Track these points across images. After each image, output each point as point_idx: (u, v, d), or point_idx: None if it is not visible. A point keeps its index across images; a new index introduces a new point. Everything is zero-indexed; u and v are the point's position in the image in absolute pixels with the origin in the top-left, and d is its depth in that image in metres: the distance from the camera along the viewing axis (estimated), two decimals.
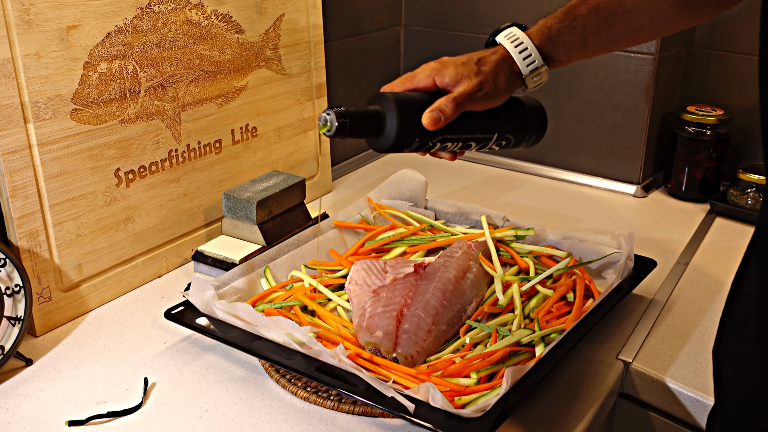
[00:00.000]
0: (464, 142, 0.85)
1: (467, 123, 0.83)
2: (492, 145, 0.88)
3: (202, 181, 1.13)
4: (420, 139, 0.82)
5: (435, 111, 0.80)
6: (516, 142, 0.91)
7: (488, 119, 0.86)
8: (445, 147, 0.85)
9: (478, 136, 0.86)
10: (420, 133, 0.81)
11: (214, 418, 0.79)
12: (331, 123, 0.77)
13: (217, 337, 0.85)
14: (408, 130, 0.80)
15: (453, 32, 1.55)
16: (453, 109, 0.80)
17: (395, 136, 0.80)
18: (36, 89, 0.89)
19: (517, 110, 0.90)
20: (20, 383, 0.85)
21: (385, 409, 0.72)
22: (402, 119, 0.79)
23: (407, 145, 0.82)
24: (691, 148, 1.35)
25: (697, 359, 0.90)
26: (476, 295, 0.95)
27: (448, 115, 0.80)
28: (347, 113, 0.77)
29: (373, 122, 0.80)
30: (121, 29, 0.97)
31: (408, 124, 0.80)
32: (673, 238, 1.22)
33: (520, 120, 0.90)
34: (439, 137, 0.83)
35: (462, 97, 0.81)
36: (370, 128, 0.80)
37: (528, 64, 0.85)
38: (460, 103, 0.81)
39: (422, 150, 0.85)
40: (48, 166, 0.92)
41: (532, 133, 0.92)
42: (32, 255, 0.91)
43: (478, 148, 0.88)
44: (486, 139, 0.87)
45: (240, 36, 1.15)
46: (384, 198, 1.19)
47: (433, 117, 0.80)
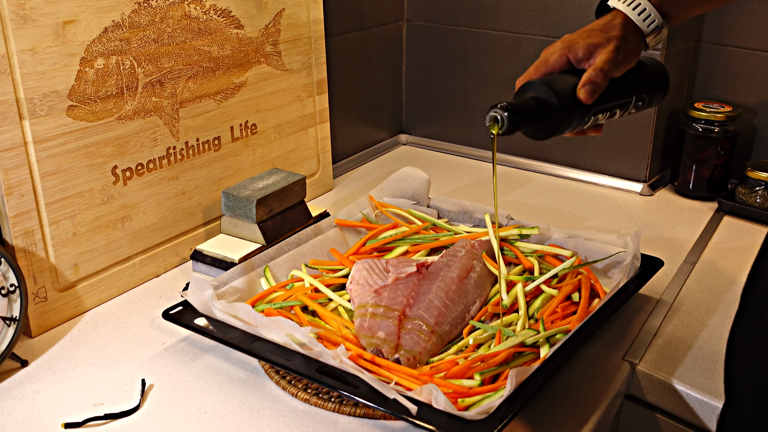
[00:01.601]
0: (611, 110, 0.89)
1: (611, 91, 0.87)
2: (631, 108, 0.92)
3: (200, 179, 1.13)
4: (579, 115, 0.85)
5: (588, 84, 0.83)
6: (649, 101, 0.94)
7: (626, 83, 0.89)
8: (597, 119, 0.88)
9: (622, 101, 0.89)
10: (579, 109, 0.85)
11: (213, 420, 0.79)
12: (502, 120, 0.79)
13: (216, 337, 0.85)
14: (569, 109, 0.83)
15: (456, 27, 1.55)
16: (603, 78, 0.84)
17: (559, 117, 0.83)
18: (31, 85, 0.89)
19: (644, 70, 0.93)
20: (15, 385, 0.85)
21: (387, 411, 0.72)
22: (561, 99, 0.82)
23: (569, 124, 0.85)
24: (699, 146, 1.34)
25: (705, 361, 0.89)
26: (480, 295, 0.95)
27: (600, 85, 0.84)
28: (511, 106, 0.79)
29: (535, 110, 0.82)
30: (118, 24, 0.97)
31: (567, 103, 0.83)
32: (681, 237, 1.22)
33: (649, 78, 0.93)
34: (593, 110, 0.86)
35: (606, 65, 0.84)
36: (534, 116, 0.82)
37: (648, 24, 0.87)
38: (607, 70, 0.84)
39: (579, 127, 0.87)
40: (44, 164, 0.92)
41: (660, 88, 0.95)
42: (28, 254, 0.91)
43: (622, 113, 0.91)
44: (627, 103, 0.90)
45: (239, 31, 1.15)
46: (386, 196, 1.19)
47: (588, 90, 0.83)
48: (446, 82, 1.60)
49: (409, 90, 1.67)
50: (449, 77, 1.59)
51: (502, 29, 1.49)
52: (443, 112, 1.63)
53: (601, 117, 0.88)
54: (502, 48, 1.50)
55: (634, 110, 0.93)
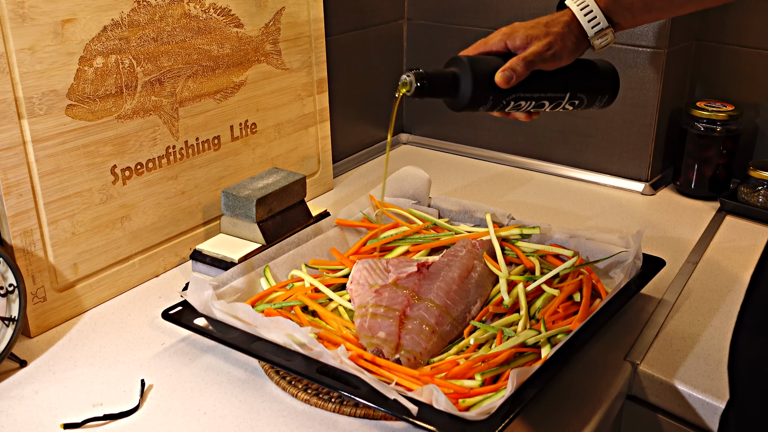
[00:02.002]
0: (537, 101, 0.91)
1: (539, 82, 0.90)
2: (565, 105, 0.94)
3: (200, 179, 1.13)
4: (494, 97, 0.88)
5: (507, 70, 0.87)
6: (589, 102, 0.96)
7: (559, 79, 0.92)
8: (519, 106, 0.91)
9: (551, 95, 0.92)
10: (494, 91, 0.88)
11: (212, 421, 0.79)
12: (410, 83, 0.85)
13: (216, 338, 0.85)
14: (482, 89, 0.87)
15: (457, 26, 1.55)
16: (523, 67, 0.87)
17: (470, 94, 0.87)
18: (30, 84, 0.89)
19: (588, 71, 0.95)
20: (14, 385, 0.85)
21: (387, 411, 0.72)
22: (476, 78, 0.87)
23: (482, 104, 0.89)
24: (701, 145, 1.34)
25: (707, 361, 0.89)
26: (481, 295, 0.95)
27: (519, 73, 0.87)
28: (426, 74, 0.85)
29: (450, 82, 0.87)
30: (117, 23, 0.97)
31: (482, 84, 0.87)
32: (683, 237, 1.22)
33: (591, 80, 0.96)
34: (512, 95, 0.89)
35: (532, 56, 0.87)
36: (446, 88, 0.87)
37: (593, 26, 0.89)
38: (530, 62, 0.87)
39: (497, 109, 0.91)
40: (42, 163, 0.92)
41: (604, 92, 0.97)
42: (26, 254, 0.91)
43: (552, 107, 0.93)
44: (558, 98, 0.93)
45: (239, 30, 1.15)
46: (386, 196, 1.19)
47: (505, 76, 0.86)
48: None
49: None
50: None
51: None
52: (444, 112, 1.62)
53: (525, 104, 0.91)
54: None
55: (570, 107, 0.95)
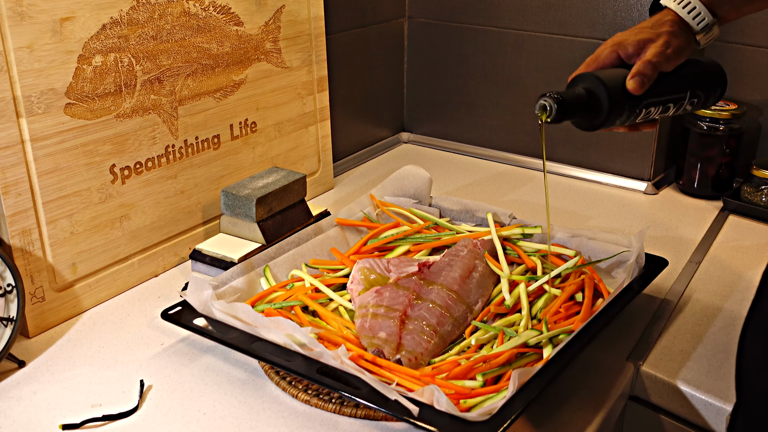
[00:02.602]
0: (664, 105, 0.91)
1: (663, 85, 0.89)
2: (686, 105, 0.94)
3: (199, 178, 1.13)
4: (628, 107, 0.88)
5: (637, 75, 0.86)
6: (705, 99, 0.96)
7: (679, 78, 0.91)
8: (649, 113, 0.90)
9: (675, 96, 0.92)
10: (628, 101, 0.87)
11: (212, 422, 0.79)
12: (550, 108, 0.83)
13: (216, 338, 0.85)
14: (617, 100, 0.86)
15: (458, 24, 1.55)
16: (652, 69, 0.86)
17: (608, 107, 0.86)
18: (29, 83, 0.89)
19: (699, 67, 0.95)
20: (12, 386, 0.85)
21: (388, 412, 0.72)
22: (610, 90, 0.86)
23: (618, 116, 0.88)
24: (704, 144, 1.34)
25: (710, 361, 0.89)
26: (482, 295, 0.95)
27: (649, 76, 0.86)
28: (561, 96, 0.84)
29: (585, 100, 0.86)
30: (116, 21, 0.97)
31: (616, 94, 0.86)
32: (685, 237, 1.22)
33: (704, 75, 0.95)
34: (644, 102, 0.88)
35: (655, 58, 0.87)
36: (582, 106, 0.86)
37: (698, 22, 0.89)
38: (656, 63, 0.87)
39: (630, 120, 0.90)
40: (41, 162, 0.91)
41: (716, 86, 0.96)
42: (25, 254, 0.91)
43: (675, 109, 0.93)
44: (681, 99, 0.92)
45: (239, 28, 1.15)
46: (387, 195, 1.19)
47: (637, 81, 0.86)
48: (448, 80, 1.60)
49: (411, 88, 1.67)
50: (451, 75, 1.59)
51: (504, 26, 1.49)
52: (445, 110, 1.63)
53: (654, 111, 0.90)
54: (504, 45, 1.50)
55: (689, 107, 0.94)
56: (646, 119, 0.91)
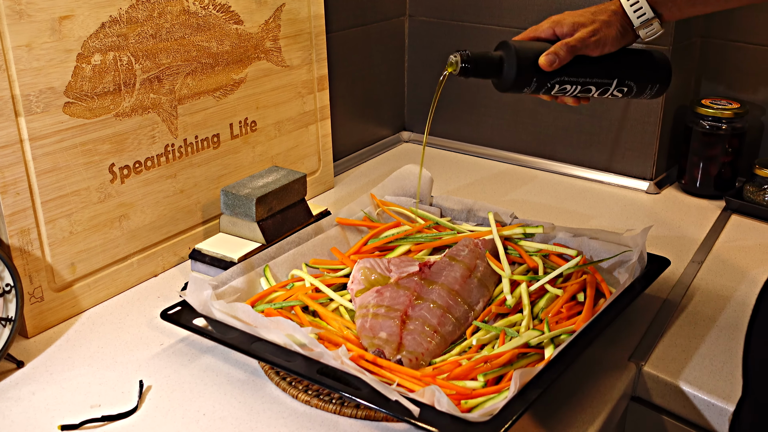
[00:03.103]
0: (583, 86, 0.95)
1: (584, 68, 0.94)
2: (613, 91, 0.97)
3: (199, 177, 1.13)
4: (537, 80, 0.93)
5: (550, 54, 0.91)
6: (639, 90, 0.98)
7: (606, 65, 0.95)
8: (564, 89, 0.95)
9: (596, 80, 0.95)
10: (538, 74, 0.92)
11: (212, 423, 0.79)
12: (456, 63, 0.91)
13: (215, 338, 0.85)
14: (526, 72, 0.92)
15: (459, 23, 1.55)
16: (566, 52, 0.91)
17: (515, 76, 0.92)
18: (27, 82, 0.89)
19: (638, 59, 0.98)
20: (11, 386, 0.85)
21: (389, 413, 0.72)
22: (520, 61, 0.91)
23: (526, 85, 0.93)
24: (706, 143, 1.34)
25: (712, 361, 0.89)
26: (483, 295, 0.95)
27: (561, 57, 0.91)
28: (472, 55, 0.92)
29: (495, 64, 0.93)
30: (115, 20, 0.97)
31: (525, 66, 0.92)
32: (687, 236, 1.22)
33: (640, 68, 0.98)
34: (556, 79, 0.93)
35: (575, 42, 0.91)
36: (492, 70, 0.93)
37: (638, 16, 0.93)
38: (573, 47, 0.91)
39: (542, 91, 0.95)
40: (40, 162, 0.91)
41: (654, 82, 0.99)
42: (23, 253, 0.91)
43: (599, 92, 0.97)
44: (605, 84, 0.96)
45: (239, 27, 1.15)
46: (388, 194, 1.19)
47: (548, 59, 0.91)
48: (449, 79, 1.60)
49: (412, 86, 1.67)
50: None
51: (505, 24, 1.49)
52: (446, 109, 1.63)
53: (570, 89, 0.95)
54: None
55: (618, 94, 0.97)
56: (564, 94, 0.96)
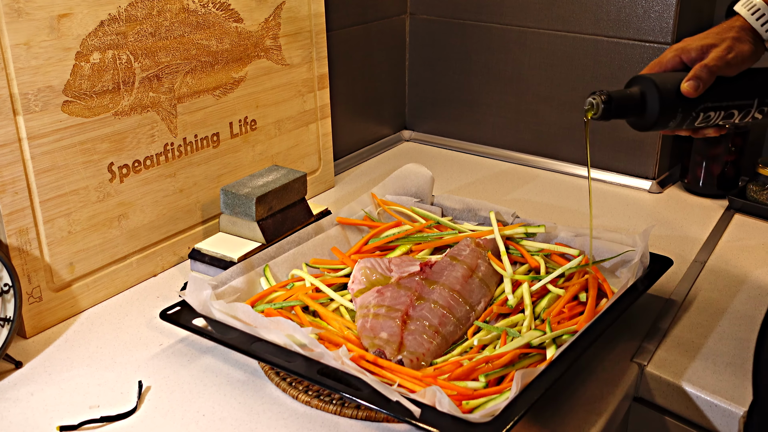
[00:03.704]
0: (726, 110, 0.90)
1: (726, 90, 0.89)
2: (755, 113, 0.92)
3: (199, 176, 1.13)
4: (683, 110, 0.87)
5: (692, 78, 0.86)
6: None
7: (746, 84, 0.90)
8: (708, 117, 0.89)
9: (739, 102, 0.90)
10: (682, 104, 0.87)
11: (211, 423, 0.79)
12: (597, 106, 0.85)
13: (215, 338, 0.85)
14: (670, 102, 0.86)
15: (461, 21, 1.55)
16: (707, 73, 0.86)
17: (659, 109, 0.86)
18: (26, 80, 0.89)
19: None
20: (9, 387, 0.85)
21: (389, 413, 0.72)
22: (662, 92, 0.86)
23: (672, 118, 0.88)
24: (709, 142, 1.34)
25: (715, 362, 0.89)
26: (485, 295, 0.95)
27: (705, 80, 0.86)
28: (611, 95, 0.85)
29: (636, 100, 0.87)
30: (114, 18, 0.97)
31: (669, 96, 0.86)
32: (690, 236, 1.21)
33: None
34: (700, 106, 0.88)
35: (713, 62, 0.86)
36: (632, 107, 0.87)
37: (762, 23, 0.88)
38: (714, 66, 0.86)
39: (687, 123, 0.89)
40: (38, 161, 0.91)
41: None
42: (22, 253, 0.91)
43: (741, 116, 0.92)
44: (747, 105, 0.91)
45: (238, 25, 1.15)
46: (389, 194, 1.19)
47: (692, 85, 0.85)
48: (450, 77, 1.60)
49: (413, 85, 1.67)
50: (453, 72, 1.59)
51: (507, 23, 1.49)
52: (447, 108, 1.63)
53: (714, 116, 0.90)
54: (507, 42, 1.50)
55: (759, 115, 0.93)
56: (708, 124, 0.91)
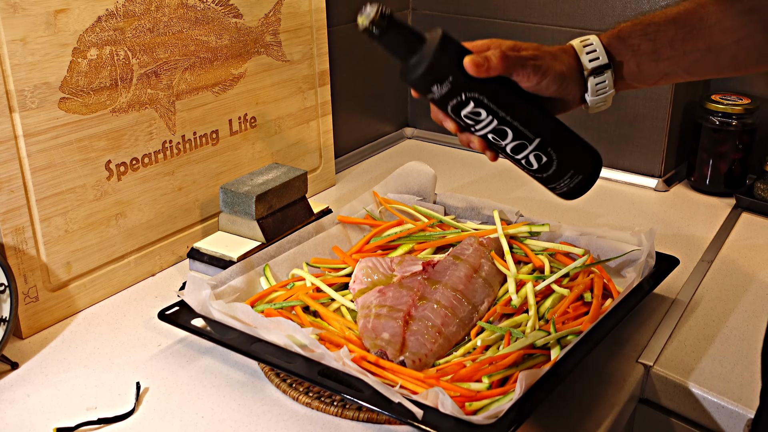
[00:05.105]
0: (499, 123, 0.76)
1: (512, 100, 0.77)
2: (529, 153, 0.79)
3: (197, 174, 1.13)
4: (453, 80, 0.74)
5: (481, 56, 0.74)
6: (556, 170, 0.80)
7: (535, 115, 0.78)
8: (478, 115, 0.76)
9: (517, 126, 0.77)
10: (456, 74, 0.74)
11: (210, 425, 0.79)
12: (368, 17, 0.72)
13: (214, 339, 0.85)
14: (444, 63, 0.74)
15: (464, 16, 1.54)
16: (499, 59, 0.74)
17: (429, 61, 0.73)
18: (22, 77, 0.89)
19: (571, 136, 0.82)
20: (5, 388, 0.85)
21: (391, 415, 0.72)
22: (443, 47, 0.74)
23: (438, 81, 0.74)
24: (716, 140, 1.34)
25: (722, 363, 0.89)
26: (488, 295, 0.95)
27: (493, 65, 0.74)
28: (389, 16, 0.73)
29: (413, 37, 0.74)
30: (112, 13, 0.97)
31: (446, 56, 0.74)
32: (697, 235, 1.21)
33: (569, 145, 0.81)
34: (474, 93, 0.75)
35: (512, 53, 0.76)
36: (406, 41, 0.74)
37: (591, 59, 0.80)
38: (509, 57, 0.75)
39: (452, 104, 0.76)
40: (35, 158, 0.91)
41: (578, 170, 0.81)
42: (18, 252, 0.91)
43: (513, 146, 0.79)
44: (525, 137, 0.78)
45: (238, 20, 1.15)
46: (390, 192, 1.19)
47: (476, 60, 0.74)
48: None
49: None
50: None
51: (511, 18, 1.49)
52: None
53: (484, 118, 0.76)
54: (511, 38, 1.48)
55: (533, 161, 0.79)
56: (476, 124, 0.77)
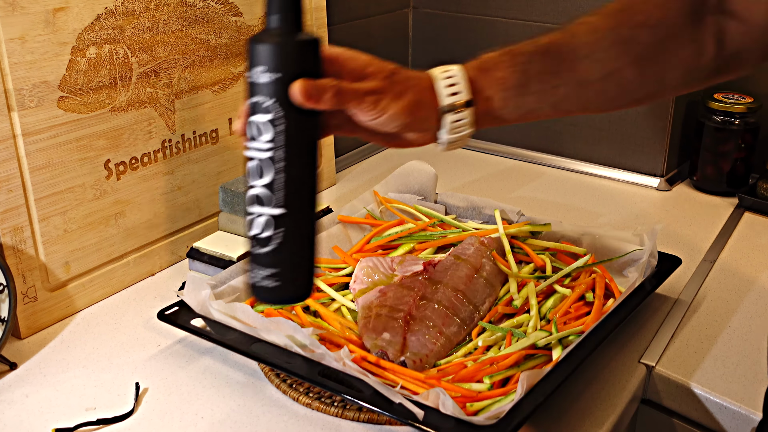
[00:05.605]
0: (273, 161, 0.63)
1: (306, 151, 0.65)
2: (264, 215, 0.64)
3: (197, 174, 1.12)
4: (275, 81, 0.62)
5: (315, 86, 0.62)
6: (269, 255, 0.65)
7: (313, 189, 0.66)
8: (261, 133, 0.63)
9: (283, 180, 0.64)
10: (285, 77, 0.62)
11: (210, 426, 0.79)
12: None
13: (214, 339, 0.85)
14: (287, 57, 0.63)
15: (465, 14, 1.54)
16: (333, 94, 0.63)
17: (281, 41, 0.63)
18: (20, 75, 0.89)
19: (312, 243, 0.67)
20: (4, 388, 0.85)
21: (392, 416, 0.72)
22: (304, 45, 0.64)
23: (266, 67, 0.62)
24: (718, 139, 1.34)
25: (725, 363, 0.89)
26: (489, 294, 0.95)
27: (324, 98, 0.62)
28: None
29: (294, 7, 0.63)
30: (111, 11, 0.97)
31: (296, 55, 0.63)
32: (699, 234, 1.21)
33: (306, 246, 0.67)
34: (279, 112, 0.63)
35: (349, 86, 0.65)
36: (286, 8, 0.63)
37: (451, 93, 0.71)
38: (344, 93, 0.64)
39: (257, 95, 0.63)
40: (33, 158, 0.91)
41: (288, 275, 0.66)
42: (16, 252, 0.91)
43: (259, 192, 0.64)
44: (277, 197, 0.64)
45: (238, 19, 1.15)
46: (391, 191, 1.19)
47: (305, 86, 0.61)
48: None
49: None
50: None
51: (512, 17, 1.49)
52: None
53: (253, 133, 0.63)
54: (512, 36, 1.50)
55: (261, 219, 0.65)
56: (252, 134, 0.63)
